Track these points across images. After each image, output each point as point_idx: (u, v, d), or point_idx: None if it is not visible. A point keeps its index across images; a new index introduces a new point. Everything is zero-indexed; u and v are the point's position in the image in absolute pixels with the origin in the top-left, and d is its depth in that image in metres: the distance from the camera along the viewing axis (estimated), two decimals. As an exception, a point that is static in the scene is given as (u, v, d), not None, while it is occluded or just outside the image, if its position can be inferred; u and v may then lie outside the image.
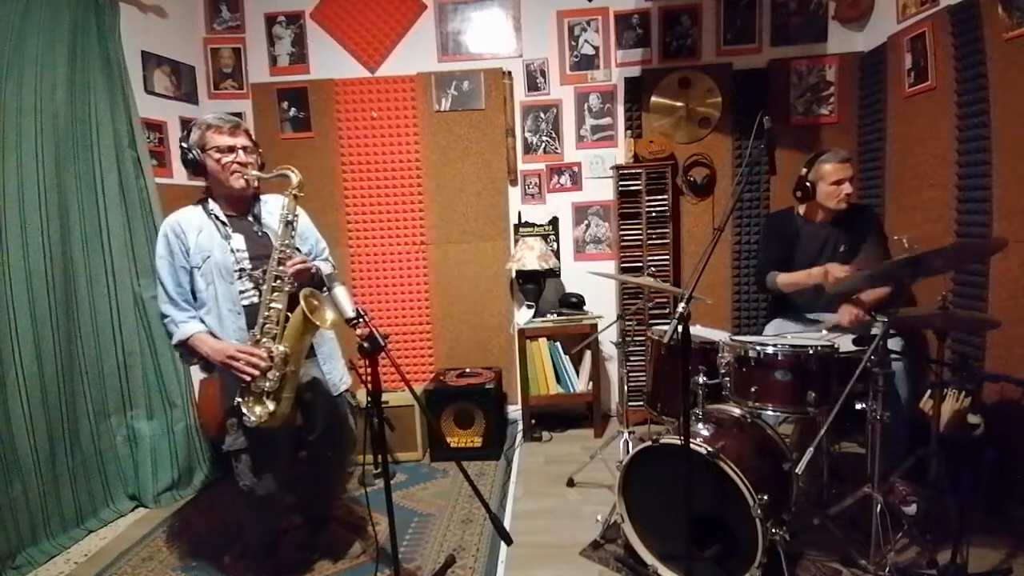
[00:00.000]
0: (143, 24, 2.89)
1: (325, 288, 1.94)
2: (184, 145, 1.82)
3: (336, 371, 2.04)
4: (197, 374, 2.98)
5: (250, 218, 1.92)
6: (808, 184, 2.42)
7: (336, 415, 2.02)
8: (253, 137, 1.92)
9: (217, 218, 1.85)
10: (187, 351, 1.83)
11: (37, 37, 2.28)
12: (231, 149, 1.82)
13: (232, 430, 1.86)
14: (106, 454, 2.56)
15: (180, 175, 3.07)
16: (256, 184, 1.89)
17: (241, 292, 1.83)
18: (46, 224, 2.31)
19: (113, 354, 2.57)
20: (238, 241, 1.85)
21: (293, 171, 1.83)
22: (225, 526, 2.43)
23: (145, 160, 2.68)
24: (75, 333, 2.45)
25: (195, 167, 1.84)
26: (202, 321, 1.82)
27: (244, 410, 1.76)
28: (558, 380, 3.27)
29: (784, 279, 2.44)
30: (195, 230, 1.81)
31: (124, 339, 2.59)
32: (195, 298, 1.83)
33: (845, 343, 1.97)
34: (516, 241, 3.46)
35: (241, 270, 1.82)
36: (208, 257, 1.80)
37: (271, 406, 1.75)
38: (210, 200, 1.88)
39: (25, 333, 2.22)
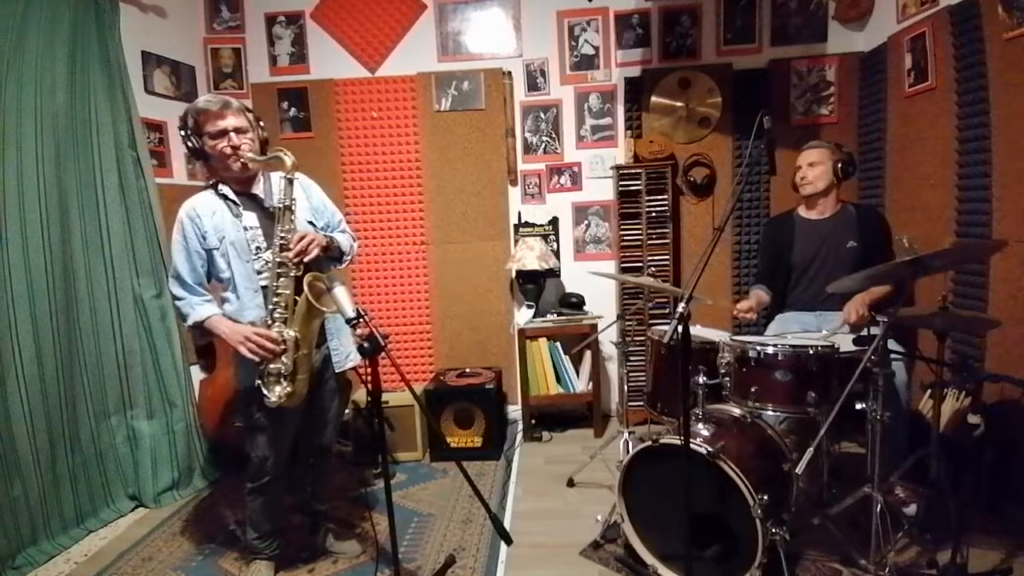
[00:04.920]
0: (143, 24, 2.89)
1: (346, 256, 2.03)
2: (183, 133, 1.84)
3: (343, 346, 2.05)
4: (197, 374, 2.99)
5: (260, 193, 1.92)
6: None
7: (325, 397, 2.03)
8: (248, 113, 1.87)
9: (227, 198, 1.86)
10: (201, 331, 1.92)
11: (37, 37, 2.28)
12: (223, 133, 1.81)
13: (247, 408, 1.91)
14: (106, 454, 2.56)
15: (180, 175, 3.07)
16: (248, 167, 1.86)
17: (259, 272, 1.86)
18: (46, 224, 2.30)
19: (113, 354, 2.57)
20: (250, 219, 1.87)
21: (286, 154, 1.78)
22: (225, 526, 2.43)
23: (145, 160, 2.68)
24: (75, 333, 2.45)
25: (198, 154, 1.86)
26: (219, 303, 1.89)
27: (264, 391, 1.81)
28: (558, 380, 3.27)
29: (753, 297, 2.58)
30: (209, 213, 1.83)
31: (124, 339, 2.59)
32: (218, 279, 1.88)
33: (845, 343, 1.97)
34: (516, 241, 3.46)
35: (258, 248, 1.85)
36: (224, 237, 1.83)
37: (288, 387, 1.80)
38: (220, 183, 1.89)
39: (25, 333, 2.22)
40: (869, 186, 3.12)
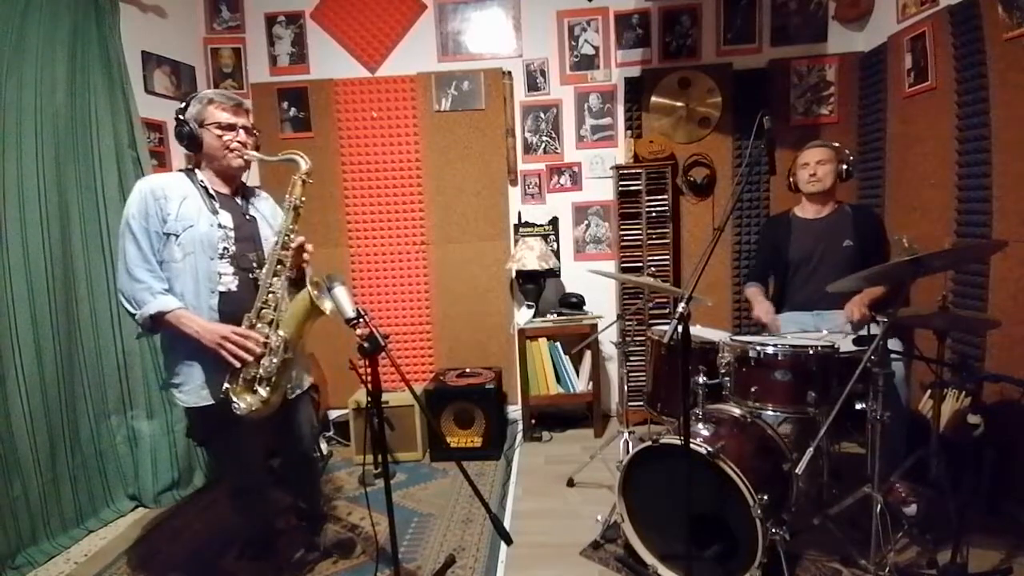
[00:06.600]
0: (143, 24, 2.89)
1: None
2: (181, 117, 1.74)
3: (292, 376, 1.86)
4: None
5: (238, 200, 1.84)
6: (792, 175, 2.57)
7: (291, 418, 1.92)
8: (252, 121, 1.85)
9: (206, 190, 1.76)
10: (154, 326, 1.64)
11: (37, 37, 2.28)
12: (231, 127, 1.76)
13: (204, 424, 1.77)
14: (106, 454, 2.56)
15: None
16: (250, 165, 1.83)
17: (220, 274, 1.72)
18: (46, 224, 2.30)
19: (113, 354, 2.57)
20: (225, 218, 1.75)
21: (302, 157, 1.77)
22: (224, 526, 2.42)
23: (145, 160, 2.68)
24: (75, 333, 2.45)
25: (190, 140, 1.75)
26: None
27: (233, 397, 1.65)
28: (558, 380, 3.27)
29: (748, 293, 2.66)
30: (179, 197, 1.69)
31: (124, 339, 2.59)
32: (162, 268, 1.69)
33: (845, 343, 1.97)
34: (516, 241, 3.46)
35: (225, 249, 1.72)
36: (190, 227, 1.68)
37: (264, 393, 1.67)
38: (198, 171, 1.79)
39: (25, 333, 2.22)
40: (869, 186, 3.12)
